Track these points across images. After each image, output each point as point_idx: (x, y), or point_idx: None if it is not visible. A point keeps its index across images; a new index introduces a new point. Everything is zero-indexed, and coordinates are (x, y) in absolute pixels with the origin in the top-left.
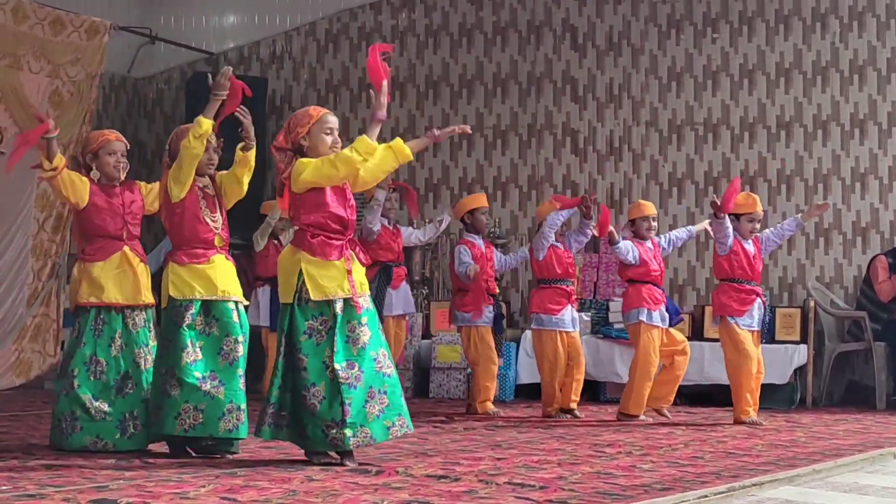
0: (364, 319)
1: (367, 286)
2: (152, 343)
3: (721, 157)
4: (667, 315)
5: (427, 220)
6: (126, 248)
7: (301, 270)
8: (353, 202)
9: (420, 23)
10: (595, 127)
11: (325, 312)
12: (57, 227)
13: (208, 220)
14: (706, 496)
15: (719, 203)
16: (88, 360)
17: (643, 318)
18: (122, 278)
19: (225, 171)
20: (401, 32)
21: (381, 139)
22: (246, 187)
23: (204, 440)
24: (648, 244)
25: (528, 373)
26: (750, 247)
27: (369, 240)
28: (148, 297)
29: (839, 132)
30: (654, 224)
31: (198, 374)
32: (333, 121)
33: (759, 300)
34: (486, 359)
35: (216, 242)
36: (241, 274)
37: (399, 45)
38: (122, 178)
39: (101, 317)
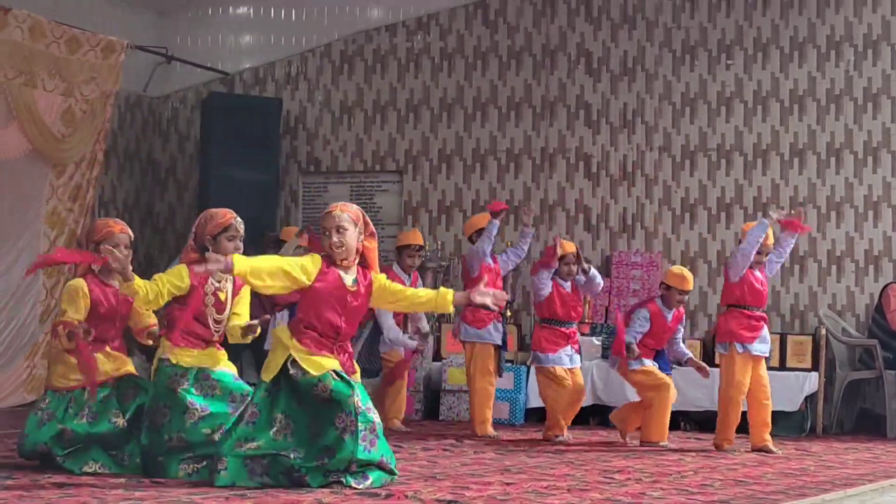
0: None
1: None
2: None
3: (734, 183)
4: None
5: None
6: (108, 348)
7: (291, 356)
8: (357, 312)
9: (435, 45)
10: (608, 152)
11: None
12: (70, 245)
13: (210, 323)
14: None
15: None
16: (59, 432)
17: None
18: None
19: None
20: (415, 55)
21: (394, 160)
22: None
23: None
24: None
25: (538, 396)
26: (758, 273)
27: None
28: (126, 369)
29: (852, 160)
30: (686, 298)
31: (206, 431)
32: (334, 217)
33: (766, 327)
34: (481, 379)
35: (212, 339)
36: (256, 300)
37: (414, 68)
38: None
39: (69, 397)
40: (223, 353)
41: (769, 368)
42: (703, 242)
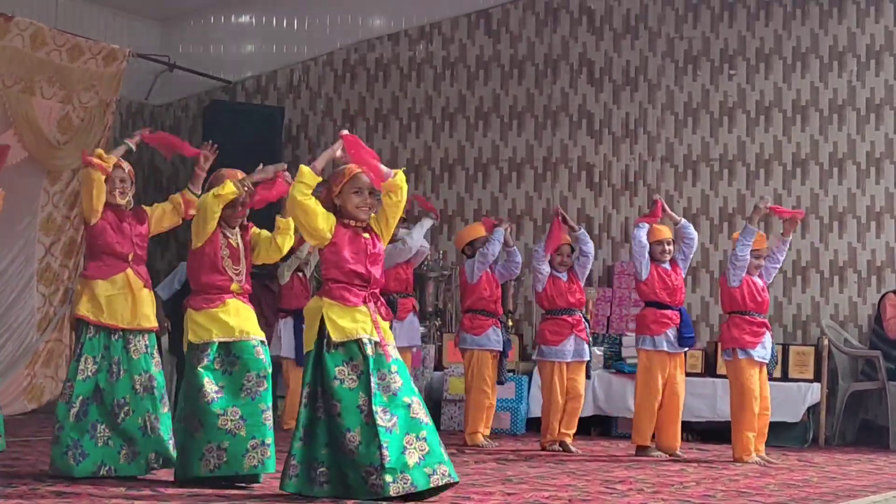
0: (394, 368)
1: (392, 337)
2: (155, 370)
3: (736, 193)
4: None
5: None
6: (129, 271)
7: (323, 316)
8: (378, 258)
9: (437, 54)
10: (610, 161)
11: (354, 356)
12: (69, 253)
13: (229, 271)
14: None
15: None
16: (94, 387)
17: (647, 345)
18: (122, 301)
19: (265, 234)
20: (418, 64)
21: (399, 167)
22: (286, 251)
23: (234, 479)
24: (666, 267)
25: (539, 406)
26: (758, 280)
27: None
28: (149, 321)
29: (855, 170)
30: (669, 248)
31: (218, 412)
32: (365, 181)
33: (768, 333)
34: (477, 389)
35: (232, 288)
36: (257, 306)
37: (416, 77)
38: (125, 202)
39: (104, 342)
40: (249, 310)
41: (771, 379)
42: (706, 252)
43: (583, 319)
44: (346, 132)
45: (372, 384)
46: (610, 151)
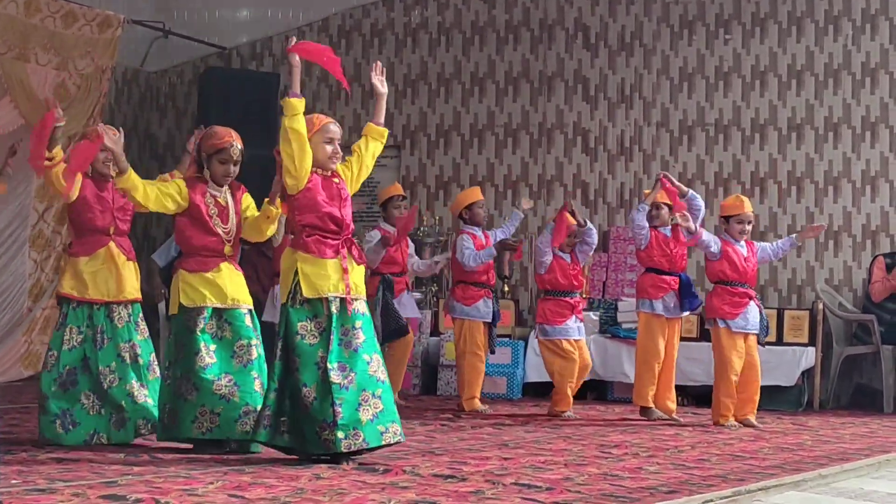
0: (358, 323)
1: (363, 289)
2: (139, 338)
3: (731, 158)
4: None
5: (430, 248)
6: (112, 244)
7: (297, 269)
8: (349, 202)
9: (432, 20)
10: (606, 127)
11: (318, 313)
12: (62, 219)
13: (219, 230)
14: (711, 500)
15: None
16: (82, 356)
17: (645, 308)
18: (105, 275)
19: (253, 212)
20: (413, 29)
21: (392, 135)
22: (267, 237)
23: (226, 443)
24: (666, 233)
25: (535, 371)
26: (742, 249)
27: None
28: (131, 293)
29: (850, 135)
30: (666, 214)
31: (212, 378)
32: (335, 130)
33: (752, 303)
34: (470, 354)
35: (225, 251)
36: (253, 271)
37: (411, 43)
38: (113, 174)
39: (87, 312)
40: (240, 276)
41: (767, 344)
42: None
43: (580, 302)
44: (290, 46)
45: (332, 341)
46: (605, 117)
